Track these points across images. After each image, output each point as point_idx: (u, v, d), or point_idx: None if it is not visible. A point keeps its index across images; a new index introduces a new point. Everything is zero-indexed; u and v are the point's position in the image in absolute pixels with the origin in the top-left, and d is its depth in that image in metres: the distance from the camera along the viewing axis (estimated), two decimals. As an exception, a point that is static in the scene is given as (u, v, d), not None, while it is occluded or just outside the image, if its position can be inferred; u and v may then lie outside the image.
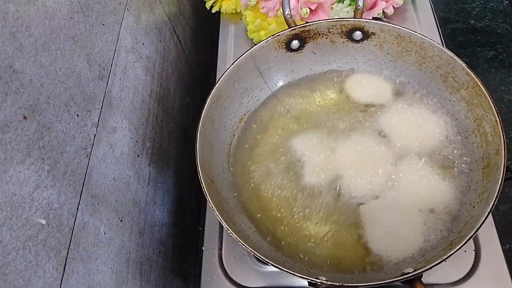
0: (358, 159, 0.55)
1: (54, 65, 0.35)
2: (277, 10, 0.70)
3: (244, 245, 0.44)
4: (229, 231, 0.45)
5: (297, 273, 0.43)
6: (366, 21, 0.58)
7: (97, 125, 0.42)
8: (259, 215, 0.54)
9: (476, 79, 0.51)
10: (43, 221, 0.32)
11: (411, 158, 0.54)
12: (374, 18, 0.71)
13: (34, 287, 0.30)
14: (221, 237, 0.59)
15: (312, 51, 0.62)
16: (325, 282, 0.43)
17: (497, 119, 0.48)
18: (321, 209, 0.53)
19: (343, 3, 0.72)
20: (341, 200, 0.53)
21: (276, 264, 0.43)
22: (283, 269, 0.43)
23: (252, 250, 0.44)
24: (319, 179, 0.54)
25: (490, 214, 0.43)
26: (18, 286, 0.28)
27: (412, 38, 0.56)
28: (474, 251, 0.55)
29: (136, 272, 0.48)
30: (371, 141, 0.56)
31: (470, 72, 0.51)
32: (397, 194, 0.52)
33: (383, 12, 0.73)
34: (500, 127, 0.47)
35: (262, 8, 0.72)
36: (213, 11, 0.81)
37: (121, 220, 0.46)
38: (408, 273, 0.42)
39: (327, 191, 0.54)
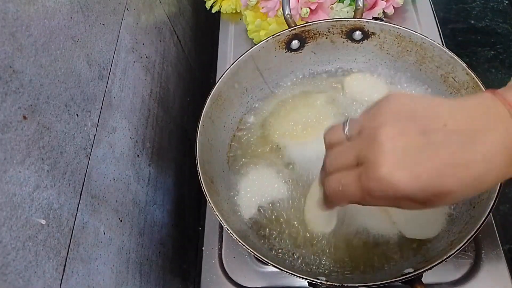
0: None
1: (54, 65, 0.35)
2: (277, 10, 0.70)
3: (244, 245, 0.44)
4: (229, 231, 0.45)
5: (297, 273, 0.43)
6: (366, 21, 0.58)
7: (97, 125, 0.42)
8: (260, 215, 0.54)
9: (476, 79, 0.51)
10: (43, 221, 0.32)
11: None
12: (374, 18, 0.71)
13: (34, 287, 0.30)
14: (221, 237, 0.59)
15: (312, 51, 0.62)
16: (325, 282, 0.43)
17: (497, 119, 0.48)
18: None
19: (343, 3, 0.72)
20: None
21: (276, 264, 0.43)
22: (283, 269, 0.43)
23: (252, 250, 0.44)
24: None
25: (490, 214, 0.43)
26: (18, 286, 0.28)
27: (412, 38, 0.56)
28: (474, 251, 0.55)
29: (136, 272, 0.48)
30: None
31: (470, 72, 0.51)
32: None
33: (383, 12, 0.73)
34: (500, 127, 0.47)
35: (262, 8, 0.72)
36: (213, 11, 0.81)
37: (121, 220, 0.46)
38: (408, 273, 0.42)
39: None
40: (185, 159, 0.70)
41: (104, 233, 0.42)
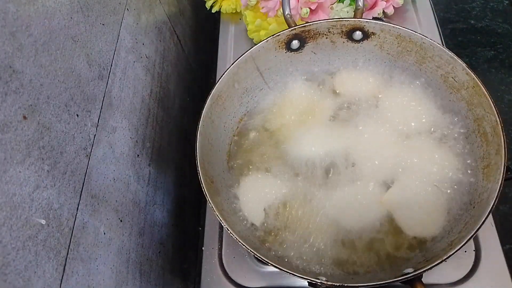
0: (367, 150, 0.55)
1: (54, 65, 0.35)
2: (277, 10, 0.70)
3: (244, 245, 0.44)
4: (229, 231, 0.45)
5: (297, 273, 0.43)
6: (366, 21, 0.58)
7: (97, 125, 0.42)
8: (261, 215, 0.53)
9: (476, 79, 0.51)
10: (43, 221, 0.32)
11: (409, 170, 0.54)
12: (374, 18, 0.71)
13: (34, 287, 0.30)
14: (221, 237, 0.59)
15: (312, 51, 0.62)
16: (325, 282, 0.42)
17: (497, 119, 0.48)
18: (331, 205, 0.53)
19: (343, 3, 0.72)
20: (356, 191, 0.53)
21: (276, 264, 0.43)
22: (283, 269, 0.43)
23: (252, 250, 0.43)
24: (325, 174, 0.54)
25: (490, 214, 0.43)
26: (18, 286, 0.28)
27: (412, 38, 0.56)
28: (474, 251, 0.55)
29: (136, 272, 0.48)
30: (375, 135, 0.56)
31: (470, 72, 0.51)
32: (411, 175, 0.53)
33: (383, 12, 0.73)
34: (500, 127, 0.47)
35: (262, 8, 0.72)
36: (213, 11, 0.81)
37: (121, 220, 0.46)
38: (408, 273, 0.42)
39: (336, 185, 0.53)
40: (185, 159, 0.70)
41: (104, 233, 0.42)
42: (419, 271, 0.41)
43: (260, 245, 0.51)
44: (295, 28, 0.58)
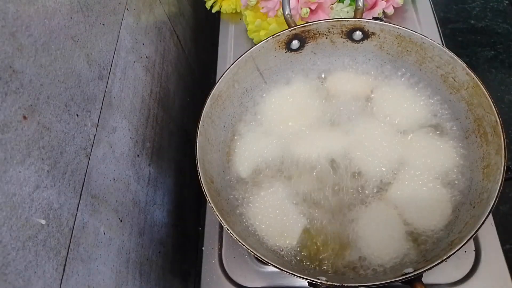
0: (367, 150, 0.55)
1: (54, 65, 0.35)
2: (277, 10, 0.70)
3: (244, 245, 0.44)
4: (229, 231, 0.45)
5: (297, 273, 0.43)
6: (366, 21, 0.58)
7: (97, 125, 0.42)
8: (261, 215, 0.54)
9: (477, 79, 0.51)
10: (43, 221, 0.32)
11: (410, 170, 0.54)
12: (374, 18, 0.71)
13: (34, 287, 0.30)
14: (221, 237, 0.59)
15: (312, 51, 0.62)
16: (325, 282, 0.42)
17: (498, 119, 0.48)
18: (331, 205, 0.53)
19: (343, 3, 0.73)
20: (358, 190, 0.53)
21: (276, 264, 0.43)
22: (283, 269, 0.43)
23: (252, 250, 0.44)
24: (325, 174, 0.54)
25: (490, 214, 0.43)
26: (18, 286, 0.28)
27: (412, 38, 0.56)
28: (474, 251, 0.55)
29: (136, 272, 0.48)
30: (374, 135, 0.56)
31: (470, 72, 0.51)
32: (411, 175, 0.53)
33: (383, 12, 0.73)
34: (500, 127, 0.47)
35: (262, 8, 0.72)
36: (213, 11, 0.81)
37: (121, 220, 0.46)
38: (408, 273, 0.42)
39: (338, 184, 0.54)
40: (185, 159, 0.70)
41: (104, 233, 0.42)
42: (419, 271, 0.41)
43: (260, 243, 0.51)
44: (295, 28, 0.58)
